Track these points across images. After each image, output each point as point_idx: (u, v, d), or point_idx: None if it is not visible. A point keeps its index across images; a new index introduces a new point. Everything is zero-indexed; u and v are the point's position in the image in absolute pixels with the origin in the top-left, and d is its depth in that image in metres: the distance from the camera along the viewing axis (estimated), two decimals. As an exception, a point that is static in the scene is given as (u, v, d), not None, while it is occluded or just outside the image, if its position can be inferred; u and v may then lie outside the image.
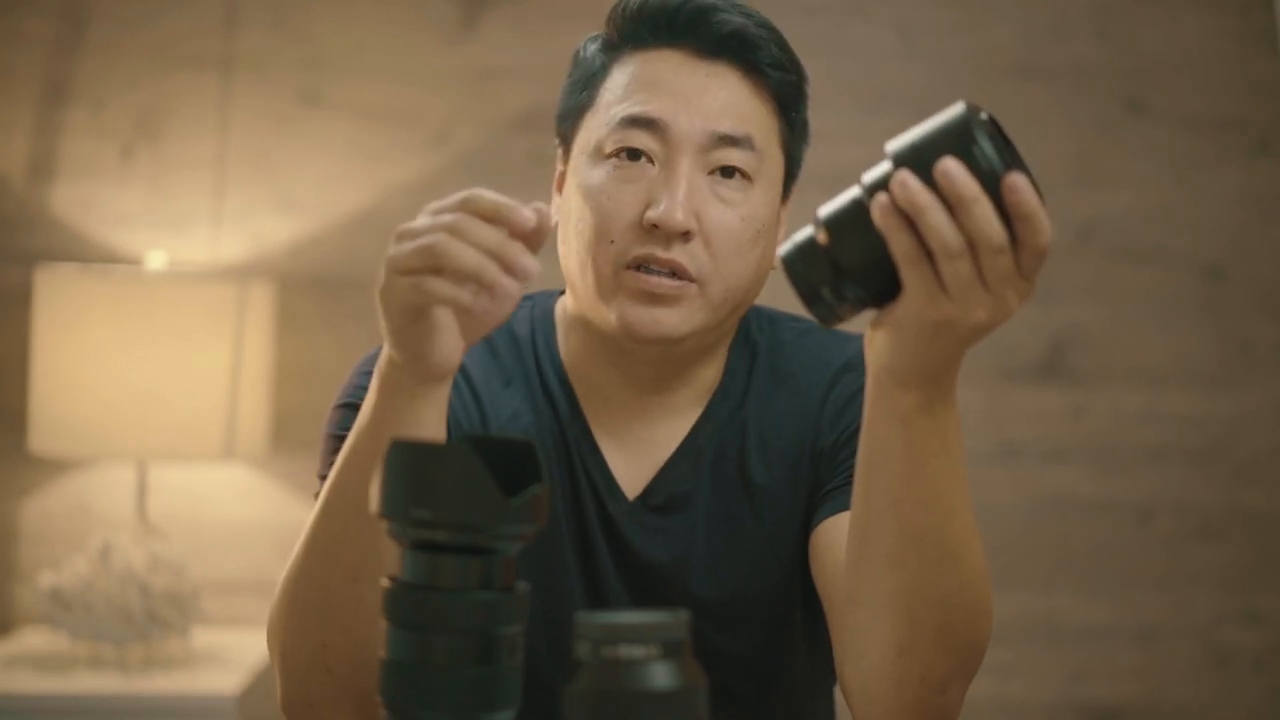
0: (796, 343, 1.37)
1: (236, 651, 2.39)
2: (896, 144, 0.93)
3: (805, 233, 0.96)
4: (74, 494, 2.59)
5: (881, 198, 0.91)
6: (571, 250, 1.27)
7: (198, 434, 2.32)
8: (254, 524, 2.60)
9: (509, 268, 1.00)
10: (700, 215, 1.23)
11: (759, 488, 1.31)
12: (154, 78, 2.63)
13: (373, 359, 1.32)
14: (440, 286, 0.99)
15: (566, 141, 1.32)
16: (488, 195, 1.02)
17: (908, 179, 0.90)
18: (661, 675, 0.77)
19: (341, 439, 1.27)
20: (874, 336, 0.99)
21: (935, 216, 0.90)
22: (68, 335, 2.30)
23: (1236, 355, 2.76)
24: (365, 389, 1.29)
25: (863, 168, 0.95)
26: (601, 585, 1.30)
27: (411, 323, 1.03)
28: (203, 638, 2.45)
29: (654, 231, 1.22)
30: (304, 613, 1.12)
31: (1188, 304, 2.76)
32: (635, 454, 1.32)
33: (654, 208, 1.22)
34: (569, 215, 1.28)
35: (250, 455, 2.43)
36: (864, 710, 1.11)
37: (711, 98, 1.26)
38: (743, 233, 1.25)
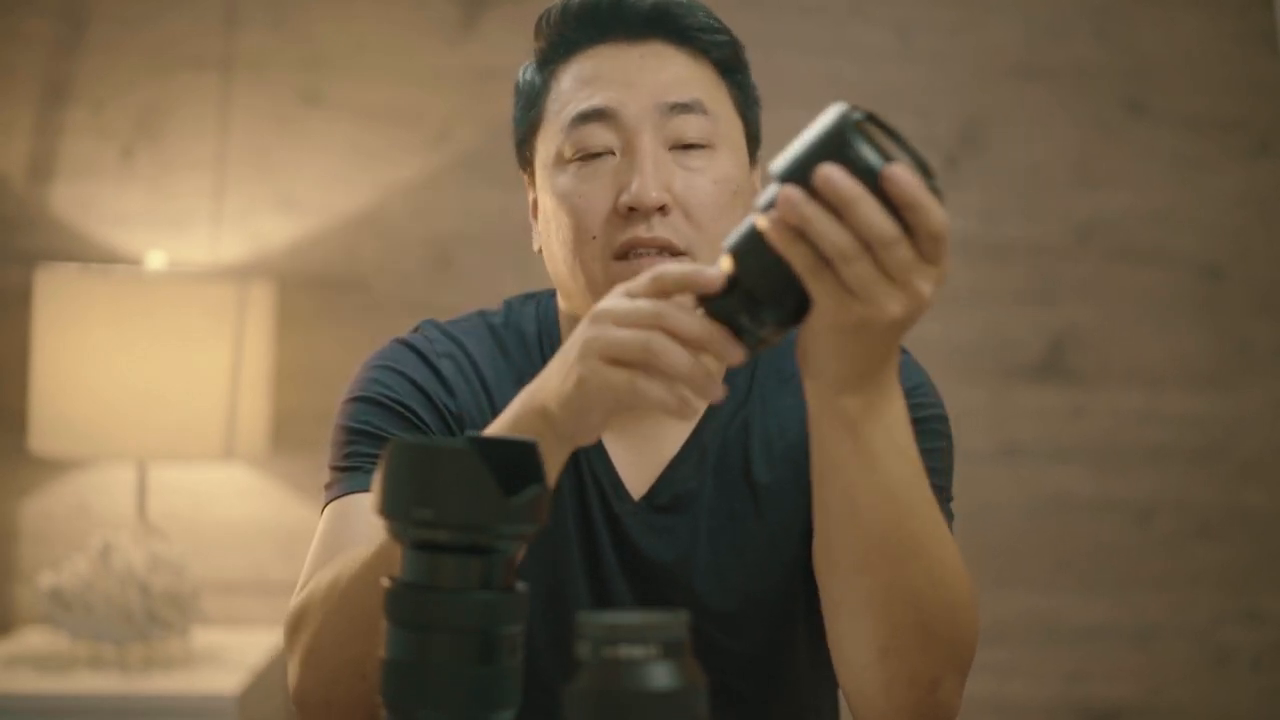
0: None
1: (237, 652, 2.39)
2: (780, 162, 0.94)
3: (714, 267, 0.97)
4: (74, 494, 2.59)
5: (772, 214, 0.92)
6: (559, 259, 1.28)
7: (198, 434, 2.32)
8: (254, 524, 2.60)
9: (719, 356, 0.97)
10: (671, 187, 1.24)
11: (763, 487, 1.31)
12: (154, 78, 2.63)
13: (388, 354, 1.32)
14: (654, 389, 0.97)
15: (529, 165, 1.34)
16: (673, 270, 0.98)
17: (790, 193, 0.91)
18: (661, 675, 0.77)
19: (356, 431, 1.27)
20: (800, 351, 0.99)
21: (821, 224, 0.90)
22: (68, 335, 2.30)
23: (1236, 355, 2.76)
24: (382, 383, 1.29)
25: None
26: (606, 585, 1.30)
27: (609, 410, 1.01)
28: (203, 638, 2.45)
29: (631, 215, 1.23)
30: (353, 622, 1.11)
31: (1187, 304, 2.76)
32: (640, 453, 1.32)
33: (625, 192, 1.23)
34: (549, 230, 1.29)
35: (250, 455, 2.43)
36: (861, 711, 1.11)
37: (653, 74, 1.27)
38: (718, 195, 1.26)
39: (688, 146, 1.26)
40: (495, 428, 1.07)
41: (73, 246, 2.60)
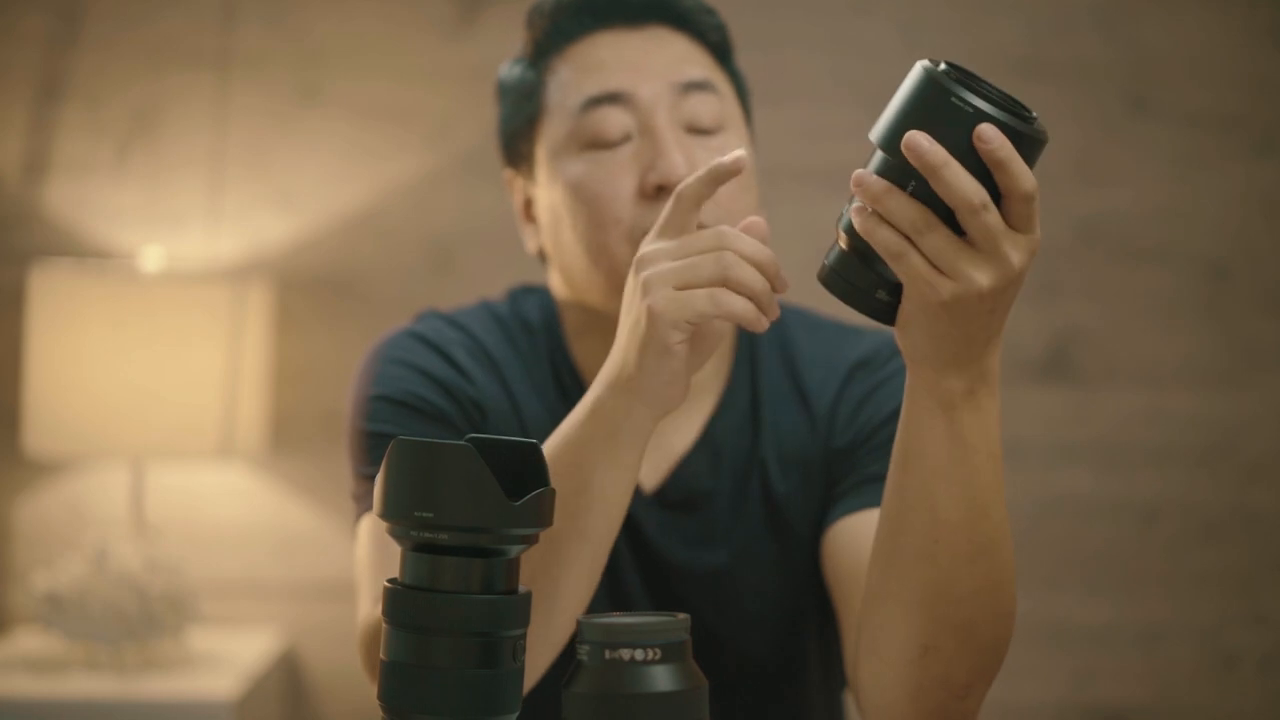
0: (808, 340, 1.36)
1: (234, 654, 2.37)
2: (877, 129, 0.92)
3: (832, 250, 0.96)
4: (69, 494, 2.58)
5: (855, 204, 0.91)
6: (575, 253, 1.25)
7: (195, 433, 2.31)
8: (252, 525, 2.59)
9: (773, 281, 1.02)
10: (695, 165, 1.22)
11: (778, 493, 1.30)
12: (150, 75, 2.62)
13: (398, 347, 1.29)
14: (736, 302, 0.99)
15: (526, 160, 1.31)
16: (689, 179, 1.04)
17: (861, 176, 0.90)
18: (662, 677, 0.76)
19: (379, 435, 1.23)
20: (902, 331, 0.97)
21: (890, 202, 0.89)
22: (63, 333, 2.28)
23: (1241, 355, 2.75)
24: (398, 379, 1.25)
25: (864, 165, 0.94)
26: (621, 582, 1.28)
27: (682, 343, 1.01)
28: (200, 639, 2.43)
29: (659, 195, 1.21)
30: None
31: (1192, 303, 2.74)
32: (651, 447, 1.29)
33: (653, 171, 1.21)
34: (558, 223, 1.26)
35: (248, 455, 2.41)
36: (878, 717, 1.09)
37: (660, 57, 1.26)
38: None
39: (700, 132, 1.24)
40: (577, 414, 1.06)
41: (68, 245, 2.58)
